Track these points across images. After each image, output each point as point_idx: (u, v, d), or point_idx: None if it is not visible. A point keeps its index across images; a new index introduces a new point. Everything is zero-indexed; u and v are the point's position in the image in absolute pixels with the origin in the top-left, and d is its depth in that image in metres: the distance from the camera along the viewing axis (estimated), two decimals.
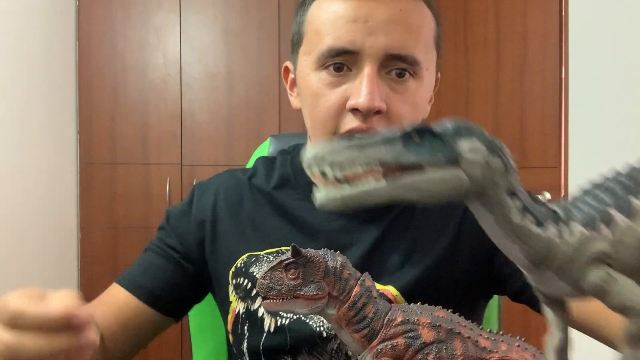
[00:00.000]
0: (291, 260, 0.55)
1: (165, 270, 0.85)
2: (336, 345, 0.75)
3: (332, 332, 0.76)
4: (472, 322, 0.58)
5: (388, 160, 0.26)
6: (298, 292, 0.54)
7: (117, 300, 0.84)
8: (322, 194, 0.28)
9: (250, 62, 2.80)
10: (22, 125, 2.40)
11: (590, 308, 0.68)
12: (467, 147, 0.27)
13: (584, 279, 0.27)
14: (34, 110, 2.49)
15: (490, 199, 0.27)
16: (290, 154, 0.89)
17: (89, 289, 2.78)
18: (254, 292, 0.79)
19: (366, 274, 0.58)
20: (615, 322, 0.63)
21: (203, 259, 0.86)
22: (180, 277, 0.86)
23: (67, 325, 0.45)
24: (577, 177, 2.37)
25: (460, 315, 0.57)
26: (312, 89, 0.76)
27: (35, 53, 2.50)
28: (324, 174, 0.27)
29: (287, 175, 0.87)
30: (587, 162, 2.26)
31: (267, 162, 0.91)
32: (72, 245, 2.78)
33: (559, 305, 0.33)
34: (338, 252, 0.58)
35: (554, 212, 0.29)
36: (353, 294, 0.55)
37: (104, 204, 2.78)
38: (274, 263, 0.55)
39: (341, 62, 0.73)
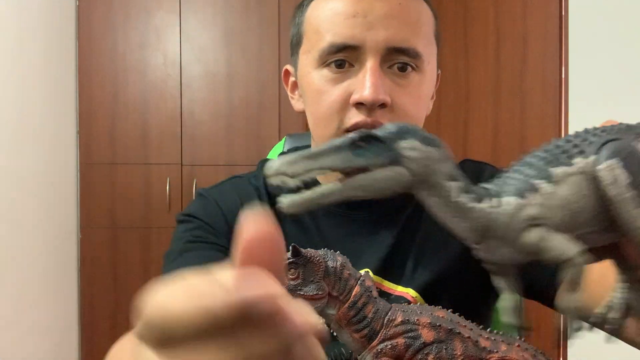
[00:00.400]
0: (291, 260, 0.55)
1: (216, 258, 0.76)
2: None
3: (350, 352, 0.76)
4: (483, 322, 0.58)
5: (338, 166, 0.31)
6: (298, 292, 0.54)
7: None
8: (286, 200, 0.32)
9: (250, 62, 2.80)
10: (22, 125, 2.40)
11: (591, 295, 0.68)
12: (407, 146, 0.32)
13: (522, 241, 0.32)
14: (34, 110, 2.49)
15: (432, 185, 0.32)
16: None
17: (89, 289, 2.78)
18: None
19: (366, 274, 0.58)
20: None
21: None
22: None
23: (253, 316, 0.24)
24: None
25: (460, 316, 0.57)
26: (315, 87, 0.76)
27: (35, 53, 2.50)
28: (284, 184, 0.31)
29: None
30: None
31: None
32: (72, 245, 2.78)
33: (508, 271, 0.38)
34: (338, 252, 0.58)
35: (488, 189, 0.34)
36: (353, 294, 0.55)
37: (104, 204, 2.78)
38: None
39: (342, 58, 0.73)
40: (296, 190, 0.32)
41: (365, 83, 0.71)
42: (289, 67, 0.85)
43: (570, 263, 0.31)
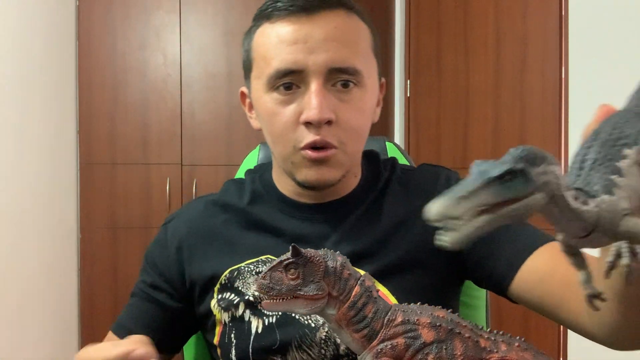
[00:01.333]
0: (291, 260, 0.55)
1: (153, 314, 0.89)
2: (324, 334, 0.78)
3: (320, 321, 0.79)
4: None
5: (492, 202, 0.34)
6: (298, 292, 0.54)
7: None
8: (449, 237, 0.35)
9: None
10: (22, 125, 2.40)
11: (549, 289, 0.74)
12: (541, 171, 0.35)
13: (620, 230, 0.38)
14: (34, 110, 2.49)
15: (557, 198, 0.36)
16: (259, 172, 0.96)
17: (89, 289, 2.78)
18: (237, 300, 0.83)
19: (366, 274, 0.58)
20: (574, 300, 0.70)
21: (185, 286, 0.89)
22: (170, 318, 0.89)
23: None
24: None
25: (459, 315, 0.57)
26: (267, 109, 0.83)
27: (35, 53, 2.50)
28: (451, 226, 0.35)
29: (258, 191, 0.92)
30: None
31: (236, 183, 0.96)
32: (72, 245, 2.78)
33: (579, 251, 0.44)
34: (338, 252, 0.58)
35: (586, 191, 0.39)
36: (353, 294, 0.55)
37: (104, 204, 2.78)
38: (274, 263, 0.55)
39: (289, 81, 0.80)
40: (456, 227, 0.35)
41: (311, 104, 0.78)
42: (244, 89, 0.93)
43: None
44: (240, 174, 1.16)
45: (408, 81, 3.06)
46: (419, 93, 3.02)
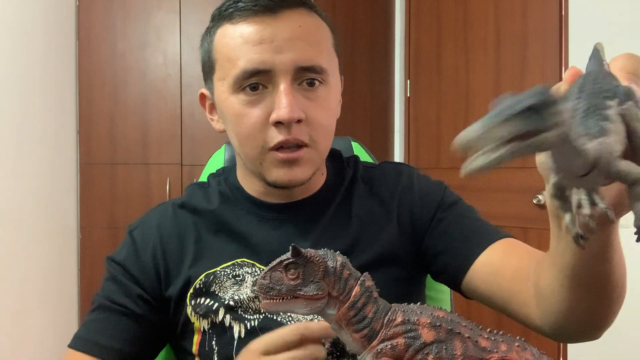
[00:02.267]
0: (291, 260, 0.55)
1: (127, 326, 0.84)
2: None
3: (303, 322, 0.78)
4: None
5: (517, 133, 0.37)
6: (298, 292, 0.54)
7: None
8: (474, 163, 0.37)
9: None
10: (22, 125, 2.40)
11: (500, 283, 0.77)
12: (555, 111, 0.37)
13: (615, 169, 0.42)
14: (34, 110, 2.49)
15: (566, 137, 0.39)
16: (223, 175, 0.95)
17: (89, 289, 2.78)
18: (216, 306, 0.82)
19: (366, 274, 0.58)
20: (524, 293, 0.72)
21: (162, 294, 0.86)
22: (146, 329, 0.85)
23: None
24: None
25: (460, 316, 0.57)
26: (234, 110, 0.82)
27: (35, 53, 2.50)
28: (477, 151, 0.37)
29: (226, 193, 0.91)
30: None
31: (200, 186, 0.95)
32: (72, 245, 2.78)
33: (566, 195, 0.47)
34: (338, 252, 0.58)
35: (588, 133, 0.42)
36: (353, 294, 0.55)
37: (104, 204, 2.78)
38: (274, 263, 0.55)
39: (256, 82, 0.79)
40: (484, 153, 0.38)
41: (280, 104, 0.78)
42: (204, 90, 0.92)
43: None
44: (205, 174, 1.16)
45: (408, 81, 3.06)
46: (419, 93, 3.02)
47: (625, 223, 0.54)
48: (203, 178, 1.14)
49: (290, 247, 0.55)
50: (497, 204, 2.50)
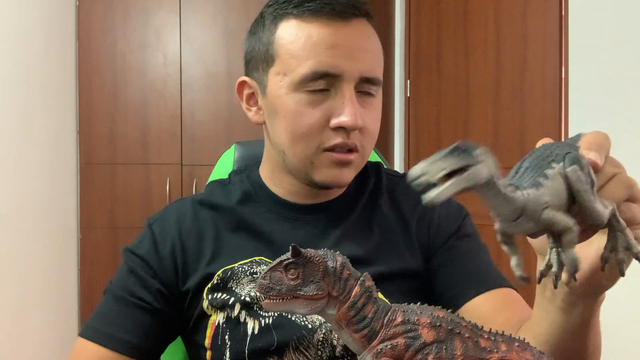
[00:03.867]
0: (291, 260, 0.55)
1: (143, 319, 0.84)
2: (322, 336, 0.79)
3: (317, 323, 0.79)
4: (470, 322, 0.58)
5: (450, 167, 0.44)
6: (298, 292, 0.54)
7: (99, 358, 0.83)
8: (432, 194, 0.44)
9: None
10: (22, 125, 2.40)
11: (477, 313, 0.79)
12: (479, 153, 0.45)
13: (542, 217, 0.48)
14: (34, 110, 2.49)
15: (491, 183, 0.46)
16: (245, 172, 0.95)
17: (89, 289, 2.78)
18: (232, 300, 0.82)
19: (366, 274, 0.58)
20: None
21: (179, 288, 0.86)
22: (161, 323, 0.85)
23: None
24: None
25: (460, 316, 0.57)
26: (292, 108, 0.81)
27: (35, 53, 2.50)
28: (427, 181, 0.44)
29: (248, 190, 0.91)
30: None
31: (220, 183, 0.95)
32: (72, 245, 2.78)
33: (512, 240, 0.52)
34: (338, 252, 0.58)
35: (516, 185, 0.48)
36: (353, 294, 0.55)
37: (104, 204, 2.78)
38: (274, 263, 0.55)
39: (322, 85, 0.80)
40: (431, 187, 0.44)
41: (345, 110, 0.79)
42: (246, 79, 0.88)
43: (570, 230, 0.48)
44: (215, 173, 1.16)
45: (408, 81, 3.06)
46: (419, 93, 3.02)
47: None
48: (213, 178, 1.14)
49: (290, 247, 0.55)
50: None
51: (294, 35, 0.81)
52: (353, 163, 0.83)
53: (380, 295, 0.81)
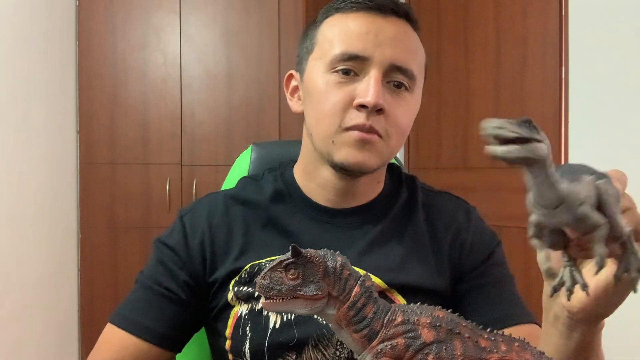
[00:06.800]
0: (291, 260, 0.55)
1: (169, 310, 0.86)
2: None
3: None
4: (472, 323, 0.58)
5: (521, 134, 0.46)
6: (298, 292, 0.54)
7: (126, 346, 0.85)
8: (500, 149, 0.46)
9: (250, 62, 2.80)
10: (22, 125, 2.41)
11: None
12: (544, 136, 0.48)
13: (579, 211, 0.50)
14: (34, 110, 2.49)
15: (547, 165, 0.48)
16: (279, 170, 0.95)
17: (89, 289, 2.78)
18: (257, 294, 0.82)
19: (366, 274, 0.58)
20: None
21: (206, 280, 0.88)
22: (186, 314, 0.87)
23: None
24: None
25: (460, 316, 0.57)
26: (320, 88, 0.84)
27: (35, 53, 2.50)
28: (502, 134, 0.46)
29: (280, 189, 0.92)
30: (586, 162, 2.25)
31: (252, 179, 0.96)
32: (72, 245, 2.78)
33: (543, 234, 0.54)
34: (338, 252, 0.58)
35: (561, 178, 0.51)
36: (353, 294, 0.55)
37: (104, 204, 2.78)
38: (274, 263, 0.55)
39: (350, 67, 0.83)
40: (508, 143, 0.46)
41: (368, 90, 0.81)
42: (293, 72, 0.93)
43: (602, 227, 0.51)
44: (232, 173, 1.16)
45: None
46: None
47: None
48: (230, 178, 1.15)
49: (290, 247, 0.55)
50: (497, 204, 2.50)
51: (333, 25, 0.86)
52: (375, 146, 0.83)
53: (401, 299, 0.81)
